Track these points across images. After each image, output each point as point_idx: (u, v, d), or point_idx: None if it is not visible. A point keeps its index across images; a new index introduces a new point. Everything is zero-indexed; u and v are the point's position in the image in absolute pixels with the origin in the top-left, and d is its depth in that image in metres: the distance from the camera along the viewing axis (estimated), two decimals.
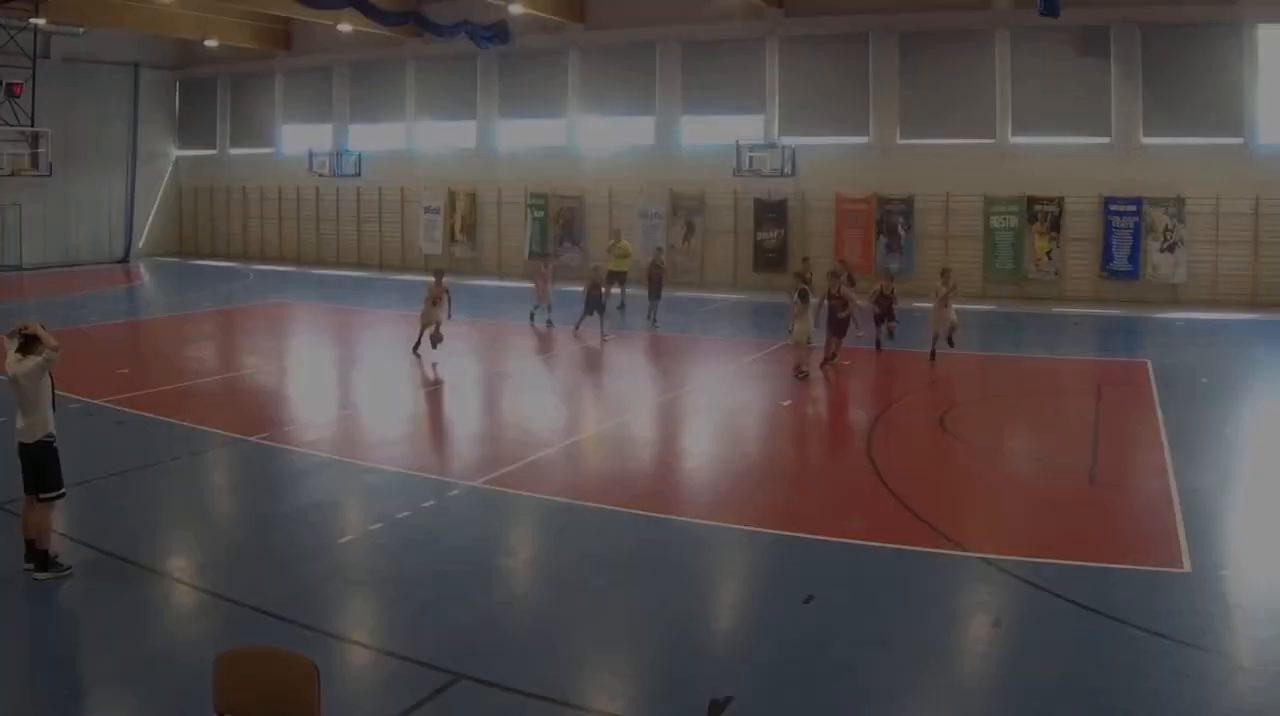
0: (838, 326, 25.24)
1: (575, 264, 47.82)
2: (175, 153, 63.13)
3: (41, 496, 12.63)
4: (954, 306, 28.23)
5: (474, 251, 52.81)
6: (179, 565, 13.21)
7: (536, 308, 33.75)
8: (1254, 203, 40.57)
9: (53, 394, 12.83)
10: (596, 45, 49.91)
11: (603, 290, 30.55)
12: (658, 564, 13.02)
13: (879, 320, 29.21)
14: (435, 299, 27.58)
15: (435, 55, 53.20)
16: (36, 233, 54.84)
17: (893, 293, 30.01)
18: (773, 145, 46.24)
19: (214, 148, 62.05)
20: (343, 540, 13.70)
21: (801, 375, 24.49)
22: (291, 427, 20.20)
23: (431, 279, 28.55)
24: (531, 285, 34.27)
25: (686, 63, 48.52)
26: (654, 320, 34.03)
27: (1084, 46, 42.86)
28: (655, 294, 34.49)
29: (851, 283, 28.65)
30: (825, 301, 25.94)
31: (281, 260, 57.68)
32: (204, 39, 53.63)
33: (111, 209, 58.71)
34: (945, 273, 29.16)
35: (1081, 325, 36.32)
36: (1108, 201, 42.43)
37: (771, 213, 47.13)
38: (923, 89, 45.09)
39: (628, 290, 37.07)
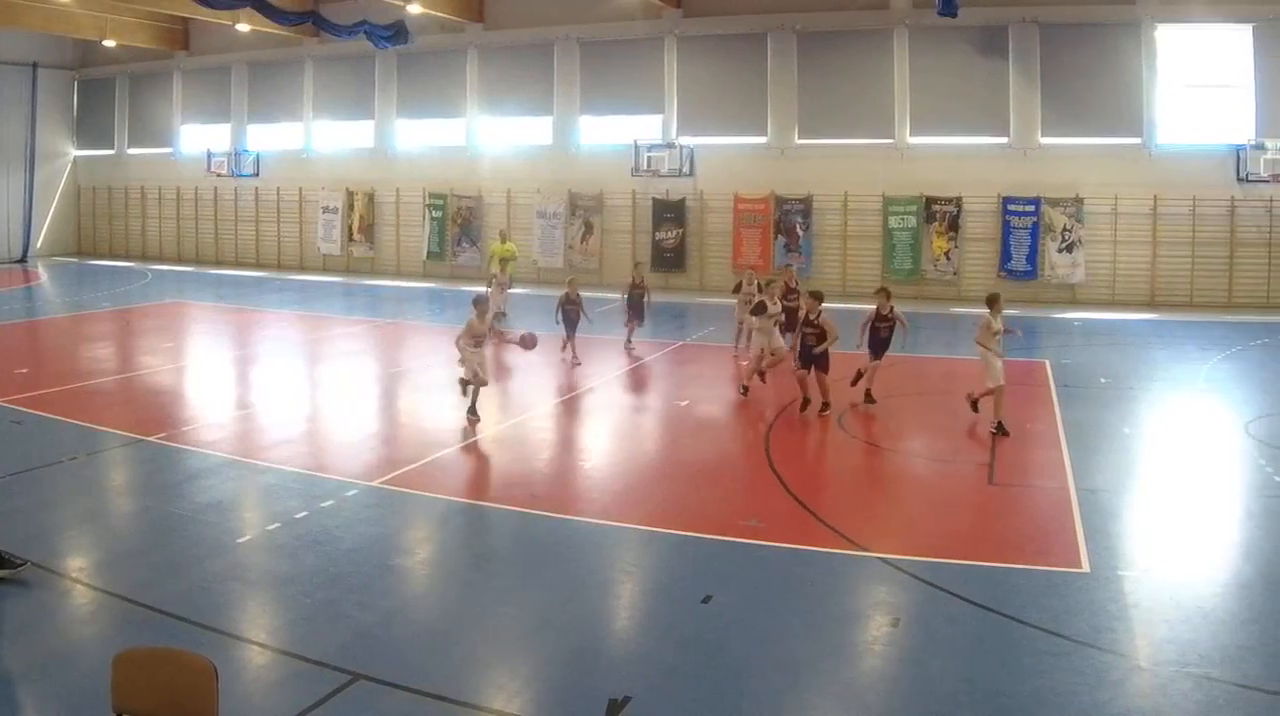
0: (819, 362, 20.26)
1: (473, 265, 45.05)
2: (74, 153, 57.74)
3: None
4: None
5: (372, 251, 48.65)
6: (77, 565, 12.21)
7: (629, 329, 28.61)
8: (1152, 203, 37.76)
9: None
10: (495, 45, 45.95)
11: (579, 306, 25.92)
12: (556, 563, 12.19)
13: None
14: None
15: (333, 55, 48.99)
16: None
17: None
18: (671, 145, 42.87)
19: (112, 148, 56.73)
20: (241, 540, 12.81)
21: (744, 391, 21.89)
22: (190, 428, 18.85)
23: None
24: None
25: (585, 63, 44.71)
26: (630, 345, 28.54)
27: (982, 46, 39.70)
28: (637, 316, 28.45)
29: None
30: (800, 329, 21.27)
31: (180, 260, 53.05)
32: (102, 39, 48.75)
33: (9, 209, 53.47)
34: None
35: (961, 326, 32.75)
36: (1006, 201, 39.29)
37: (670, 212, 43.42)
38: (821, 89, 41.69)
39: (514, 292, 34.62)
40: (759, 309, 21.92)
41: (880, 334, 21.14)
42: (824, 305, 20.40)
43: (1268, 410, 20.47)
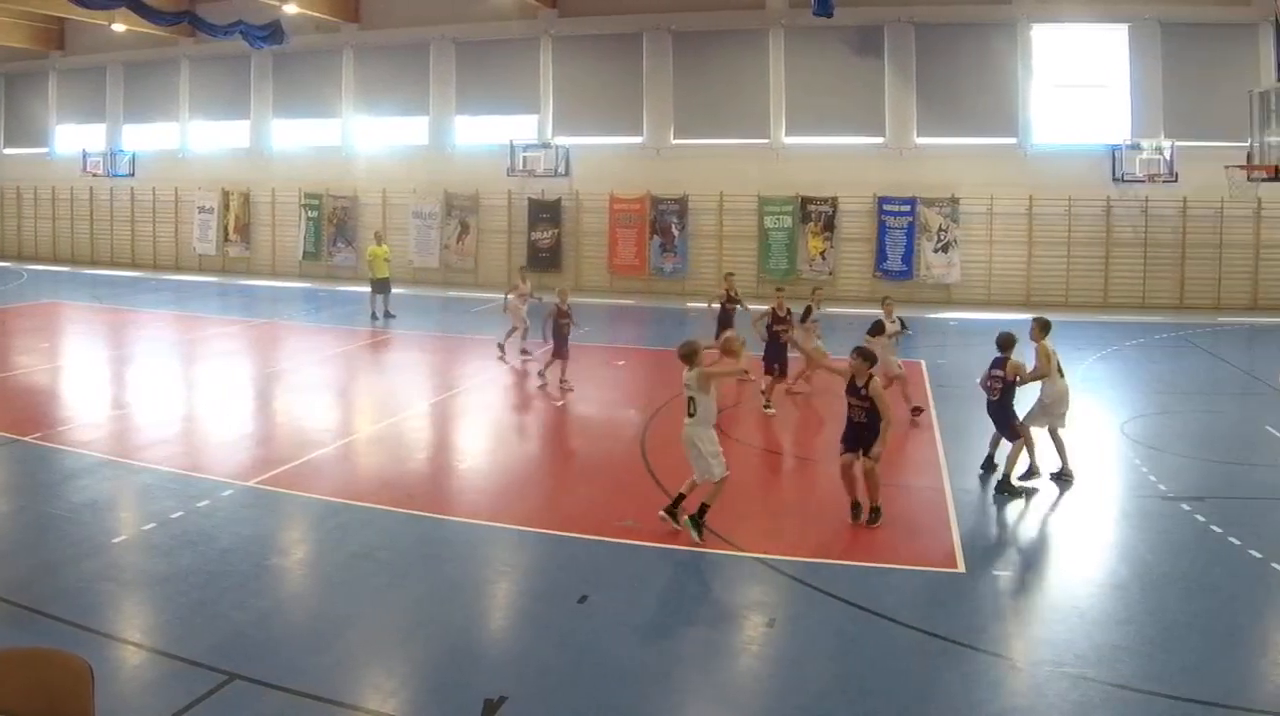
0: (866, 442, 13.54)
1: (349, 265, 40.05)
2: None
3: None
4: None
5: (247, 252, 42.91)
6: None
7: (511, 334, 24.08)
8: (1027, 203, 33.86)
9: None
10: (370, 45, 40.70)
11: (571, 318, 21.09)
12: (432, 563, 11.07)
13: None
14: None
15: (209, 55, 43.25)
16: None
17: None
18: (547, 145, 38.00)
19: None
20: (117, 540, 11.67)
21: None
22: (66, 428, 17.14)
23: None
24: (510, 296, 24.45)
25: (461, 63, 39.65)
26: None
27: (858, 46, 35.54)
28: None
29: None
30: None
31: (56, 260, 46.72)
32: None
33: None
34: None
35: (855, 325, 27.99)
36: (882, 201, 35.08)
37: (546, 213, 38.49)
38: (697, 89, 37.10)
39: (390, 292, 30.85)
40: (876, 329, 17.89)
41: (779, 339, 18.82)
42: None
43: (1143, 410, 18.81)
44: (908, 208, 34.77)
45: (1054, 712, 7.98)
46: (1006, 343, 13.96)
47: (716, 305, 21.76)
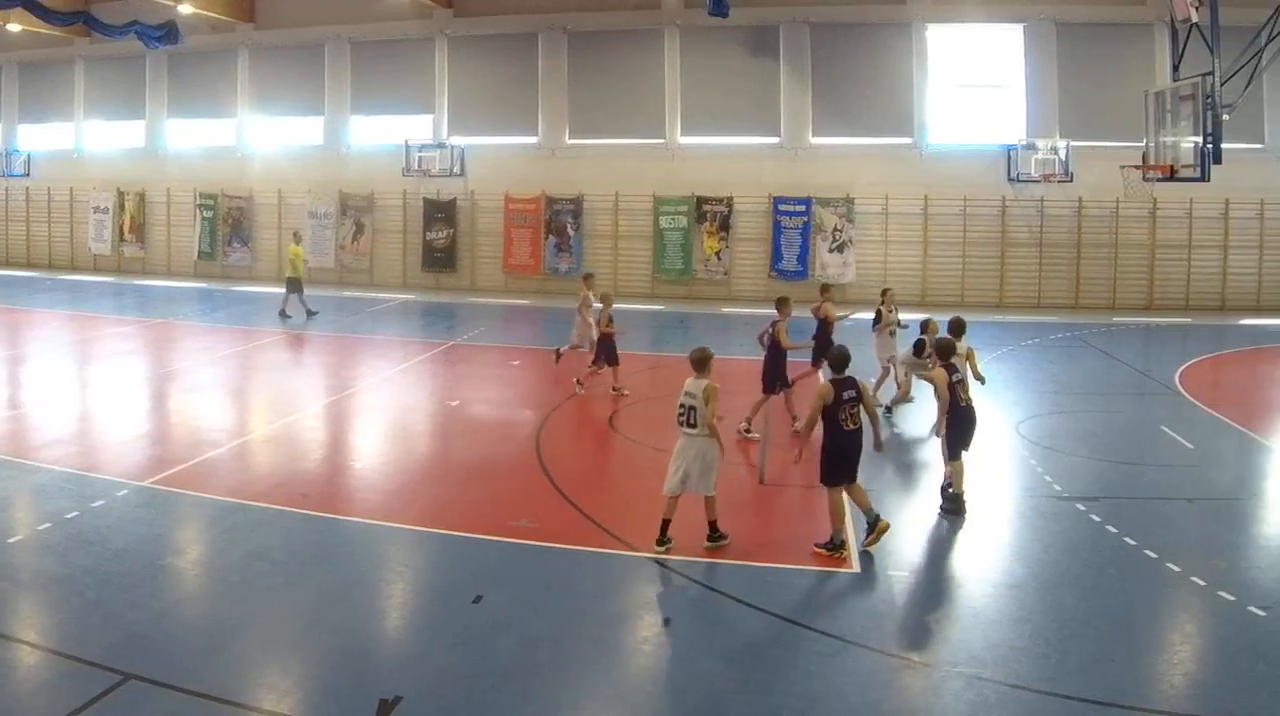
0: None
1: (244, 265, 36.11)
2: None
3: None
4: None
5: (143, 251, 38.31)
6: None
7: (574, 346, 19.63)
8: (922, 203, 30.53)
9: None
10: (265, 45, 36.44)
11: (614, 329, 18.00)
12: (327, 563, 10.12)
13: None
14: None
15: (104, 55, 38.73)
16: None
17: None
18: (442, 145, 34.07)
19: None
20: (11, 540, 10.60)
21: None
22: None
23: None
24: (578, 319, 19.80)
25: (356, 62, 35.54)
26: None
27: (754, 46, 32.04)
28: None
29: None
30: None
31: None
32: None
33: None
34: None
35: (752, 325, 25.23)
36: (777, 201, 31.55)
37: (441, 213, 34.46)
38: (592, 89, 33.34)
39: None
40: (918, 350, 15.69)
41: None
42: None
43: (1038, 410, 17.17)
44: (803, 208, 31.31)
45: (949, 713, 7.43)
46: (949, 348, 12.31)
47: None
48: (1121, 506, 11.96)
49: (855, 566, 10.10)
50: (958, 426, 11.76)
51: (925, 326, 16.22)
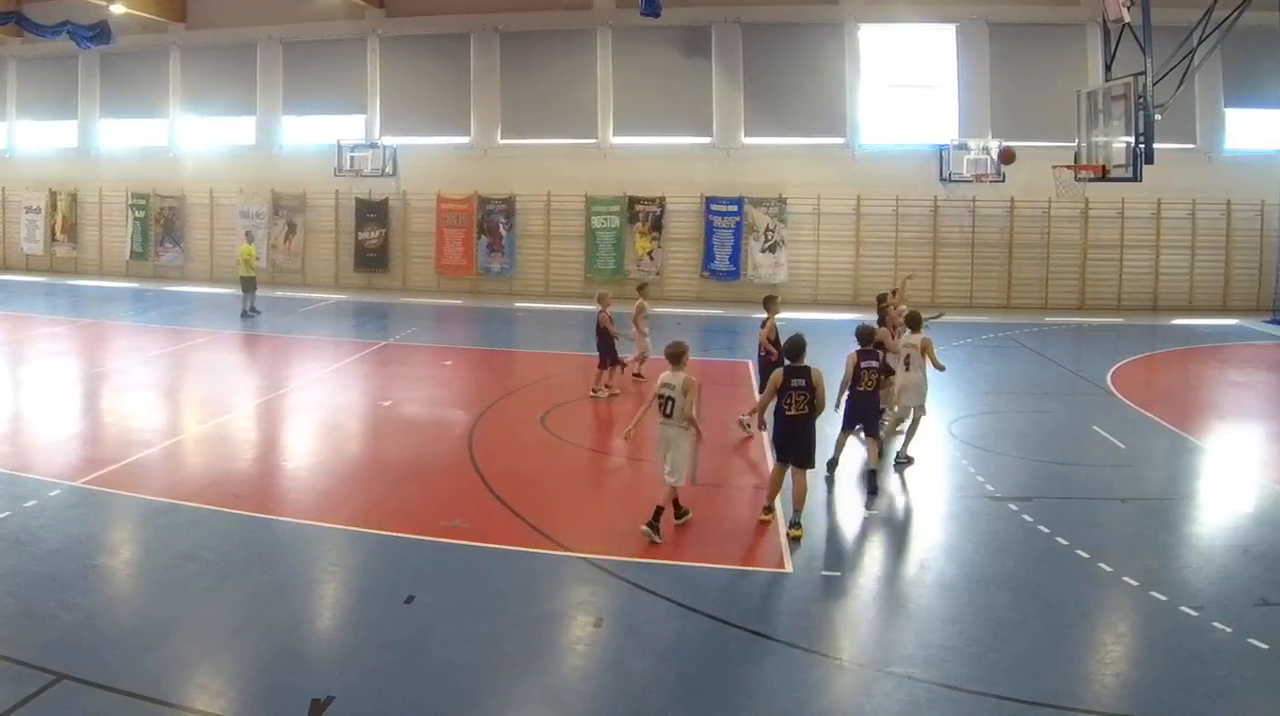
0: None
1: (176, 265, 33.47)
2: None
3: None
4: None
5: (75, 251, 35.48)
6: None
7: (640, 358, 17.72)
8: (855, 203, 28.41)
9: None
10: (197, 45, 33.70)
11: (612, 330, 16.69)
12: (259, 563, 9.53)
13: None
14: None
15: (36, 55, 35.85)
16: None
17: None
18: (374, 145, 31.54)
19: None
20: None
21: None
22: None
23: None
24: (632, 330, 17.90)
25: (288, 63, 32.93)
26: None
27: (686, 46, 29.79)
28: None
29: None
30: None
31: None
32: None
33: None
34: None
35: (685, 325, 24.33)
36: (709, 201, 29.28)
37: (373, 213, 31.93)
38: (524, 89, 30.96)
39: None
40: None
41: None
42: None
43: (970, 411, 16.19)
44: (735, 208, 29.09)
45: (881, 713, 6.97)
46: (868, 336, 12.30)
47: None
48: (1054, 506, 11.35)
49: (788, 566, 9.52)
50: (852, 405, 12.04)
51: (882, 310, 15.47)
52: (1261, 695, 7.25)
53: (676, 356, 10.28)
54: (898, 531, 10.92)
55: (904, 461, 12.86)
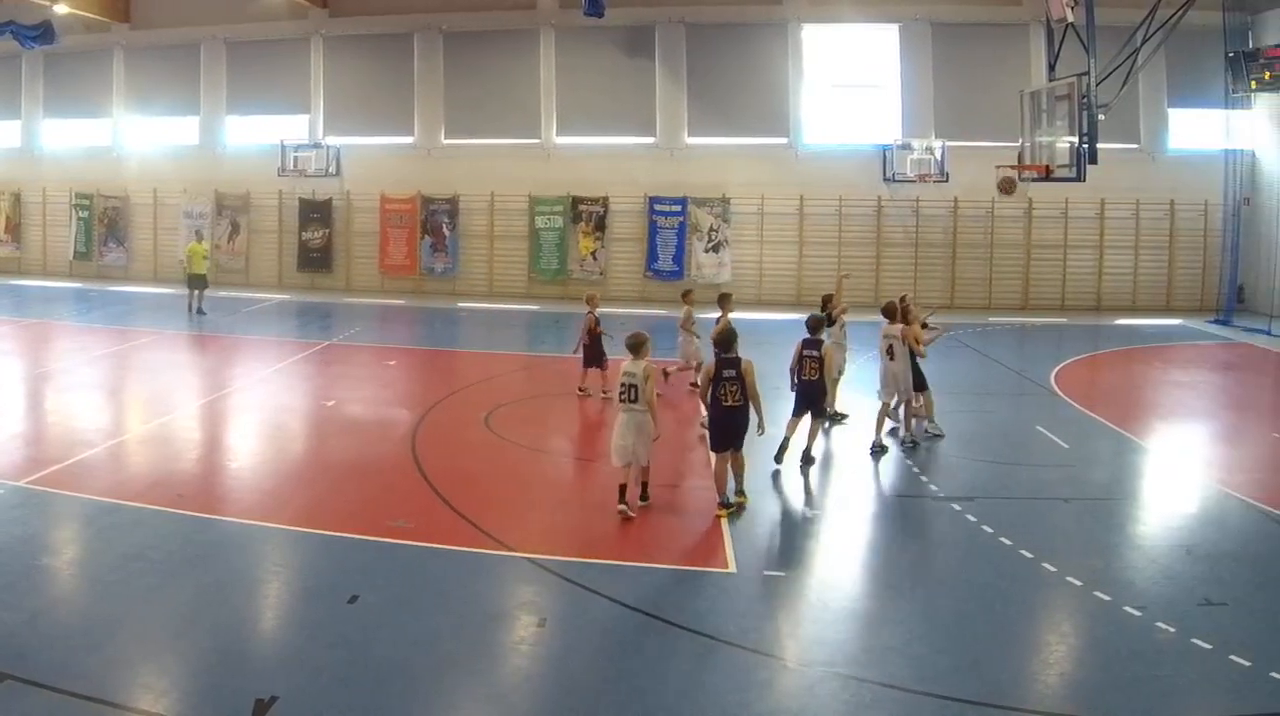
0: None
1: (120, 265, 31.33)
2: None
3: None
4: None
5: (18, 251, 33.24)
6: None
7: (684, 367, 16.20)
8: (798, 203, 26.84)
9: None
10: (141, 45, 31.63)
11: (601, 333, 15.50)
12: (203, 563, 9.00)
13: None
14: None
15: None
16: None
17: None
18: (318, 145, 29.57)
19: None
20: None
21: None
22: None
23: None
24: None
25: (231, 62, 30.94)
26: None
27: (629, 46, 28.12)
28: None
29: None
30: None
31: None
32: None
33: None
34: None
35: (628, 325, 21.52)
36: (653, 201, 27.56)
37: (316, 213, 30.01)
38: (468, 89, 29.15)
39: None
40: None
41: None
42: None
43: None
44: (679, 207, 27.42)
45: (825, 713, 6.64)
46: (817, 325, 12.14)
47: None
48: (997, 506, 10.84)
49: (731, 566, 9.07)
50: (798, 392, 12.01)
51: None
52: (1204, 694, 6.90)
53: (636, 346, 10.34)
54: (841, 531, 10.42)
55: (908, 444, 12.85)
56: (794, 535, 10.35)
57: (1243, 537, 10.01)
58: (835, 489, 11.72)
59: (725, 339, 10.39)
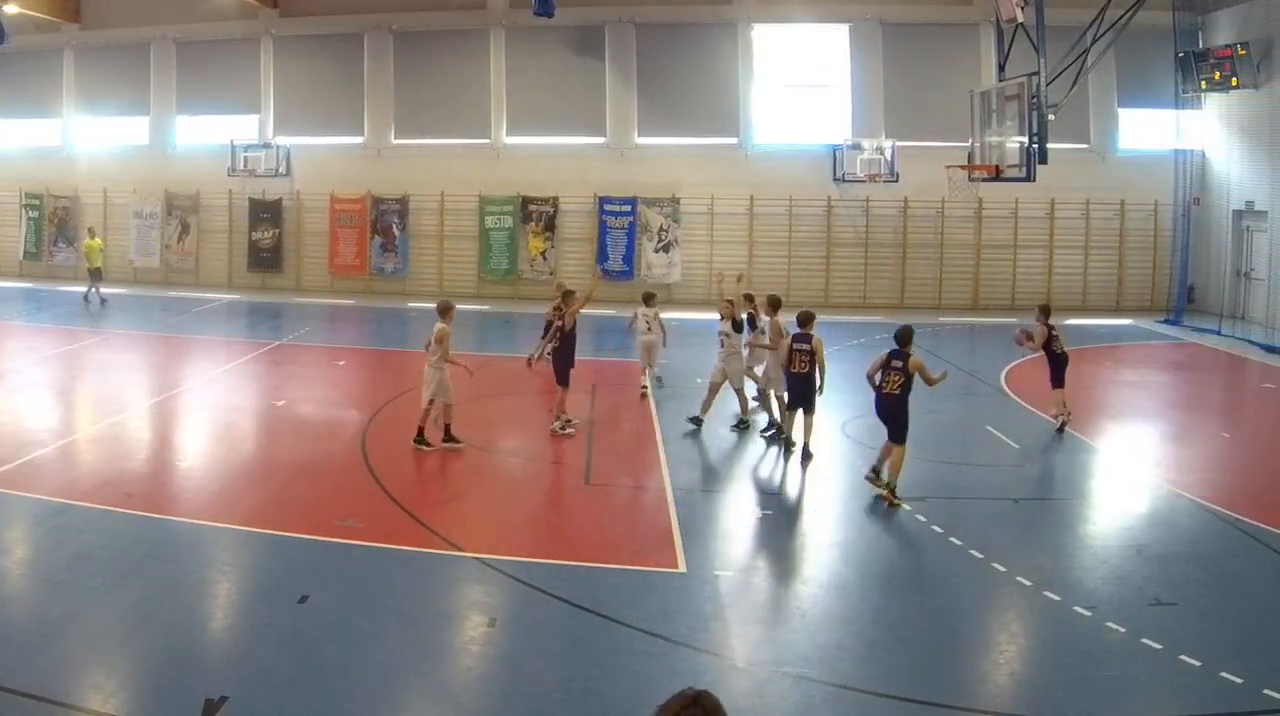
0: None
1: (70, 265, 28.63)
2: None
3: None
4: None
5: None
6: None
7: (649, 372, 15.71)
8: (748, 203, 24.91)
9: None
10: (91, 45, 29.25)
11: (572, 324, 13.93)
12: (152, 563, 8.56)
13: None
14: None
15: None
16: None
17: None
18: (268, 145, 27.35)
19: None
20: None
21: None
22: None
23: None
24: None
25: (181, 62, 28.59)
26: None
27: (579, 46, 26.11)
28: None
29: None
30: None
31: None
32: None
33: None
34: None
35: (585, 327, 20.03)
36: (603, 201, 25.56)
37: (266, 213, 27.72)
38: (418, 89, 27.04)
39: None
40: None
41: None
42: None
43: (862, 411, 13.30)
44: (629, 207, 25.41)
45: (775, 713, 6.39)
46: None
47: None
48: (947, 506, 10.30)
49: (681, 567, 8.63)
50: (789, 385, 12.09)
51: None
52: (1154, 694, 6.63)
53: (444, 310, 11.20)
54: (791, 531, 10.03)
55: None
56: (744, 535, 9.89)
57: (1193, 538, 9.50)
58: (787, 489, 11.20)
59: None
